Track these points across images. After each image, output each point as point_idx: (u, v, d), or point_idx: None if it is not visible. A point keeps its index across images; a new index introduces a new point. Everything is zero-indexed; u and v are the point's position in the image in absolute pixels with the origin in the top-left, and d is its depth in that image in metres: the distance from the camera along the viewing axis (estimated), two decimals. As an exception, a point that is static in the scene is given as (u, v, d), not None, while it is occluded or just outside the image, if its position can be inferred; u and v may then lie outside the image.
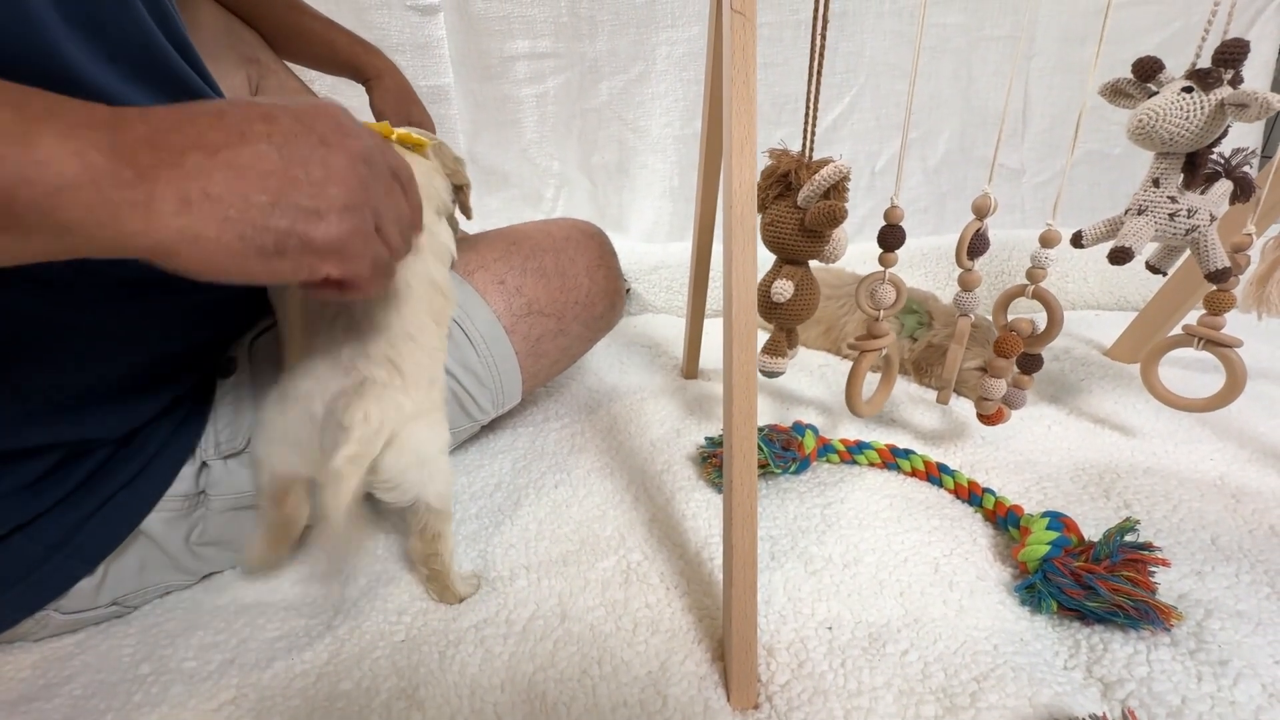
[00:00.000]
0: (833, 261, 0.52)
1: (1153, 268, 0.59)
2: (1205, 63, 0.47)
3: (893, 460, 0.62)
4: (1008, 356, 0.57)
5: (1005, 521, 0.53)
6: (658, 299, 1.12)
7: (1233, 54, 0.46)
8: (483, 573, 0.52)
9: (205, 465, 0.47)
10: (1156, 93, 0.49)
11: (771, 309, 0.54)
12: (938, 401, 0.67)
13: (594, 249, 0.66)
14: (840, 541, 0.53)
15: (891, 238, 0.53)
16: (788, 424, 0.64)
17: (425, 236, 0.47)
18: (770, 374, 0.57)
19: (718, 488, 0.61)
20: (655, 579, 0.50)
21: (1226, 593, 0.46)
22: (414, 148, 0.51)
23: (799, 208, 0.49)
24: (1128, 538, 0.46)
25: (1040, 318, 0.56)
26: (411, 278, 0.45)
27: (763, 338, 0.51)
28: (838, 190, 0.48)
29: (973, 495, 0.57)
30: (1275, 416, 0.69)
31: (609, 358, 0.92)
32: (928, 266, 1.11)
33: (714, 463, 0.62)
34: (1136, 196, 0.52)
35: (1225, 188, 0.51)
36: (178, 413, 0.46)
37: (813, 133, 0.49)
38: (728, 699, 0.40)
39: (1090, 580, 0.43)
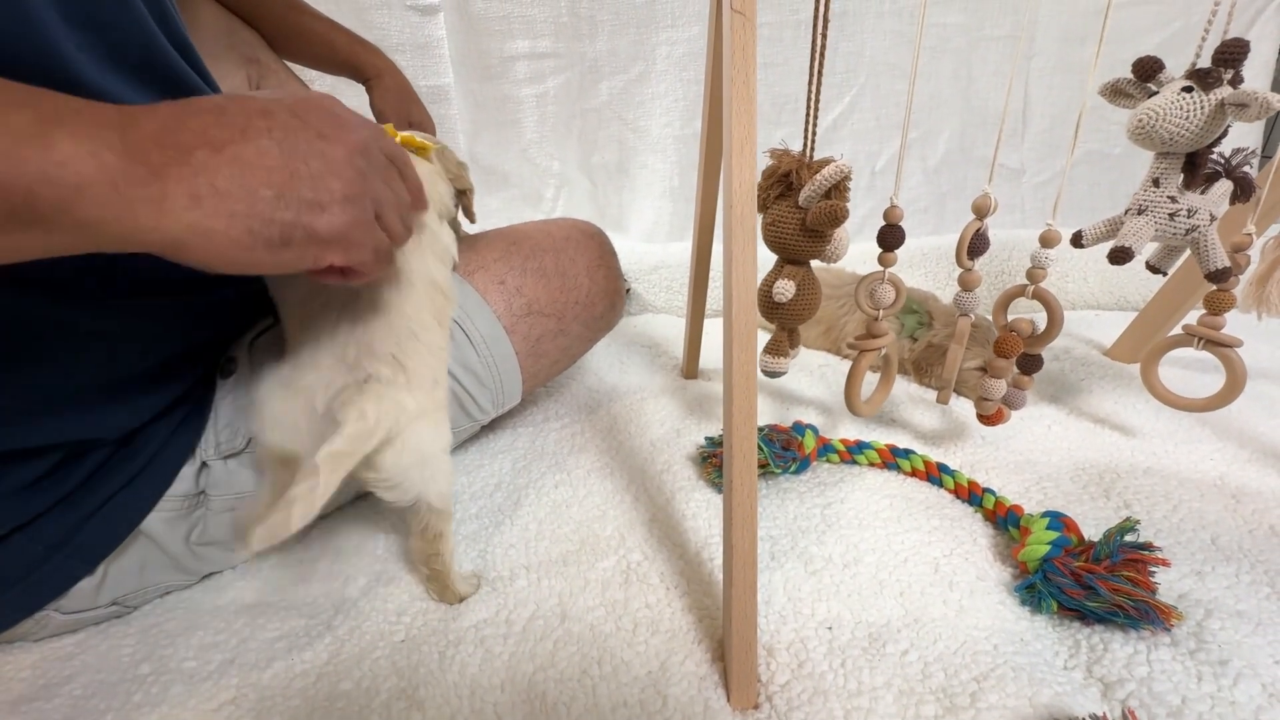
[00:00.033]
0: (834, 261, 0.52)
1: (1153, 268, 0.59)
2: (1205, 63, 0.47)
3: (893, 460, 0.62)
4: (1008, 357, 0.57)
5: (1005, 521, 0.53)
6: (658, 299, 1.12)
7: (1233, 54, 0.46)
8: (483, 573, 0.52)
9: (205, 465, 0.47)
10: (1156, 93, 0.49)
11: (773, 309, 0.54)
12: (938, 401, 0.67)
13: (594, 249, 0.66)
14: (840, 541, 0.53)
15: (891, 237, 0.53)
16: (788, 424, 0.64)
17: (427, 237, 0.47)
18: (773, 374, 0.57)
19: (718, 488, 0.61)
20: (655, 579, 0.50)
21: (1226, 593, 0.46)
22: (418, 152, 0.51)
23: (800, 208, 0.49)
24: (1128, 538, 0.46)
25: (1040, 318, 0.56)
26: (413, 276, 0.45)
27: (763, 338, 0.51)
28: (839, 190, 0.48)
29: (973, 495, 0.57)
30: (1275, 416, 0.69)
31: (609, 358, 0.92)
32: (928, 266, 1.11)
33: (714, 463, 0.62)
34: (1136, 196, 0.52)
35: (1225, 188, 0.51)
36: (178, 413, 0.46)
37: (814, 133, 0.49)
38: (728, 699, 0.40)
39: (1090, 580, 0.43)
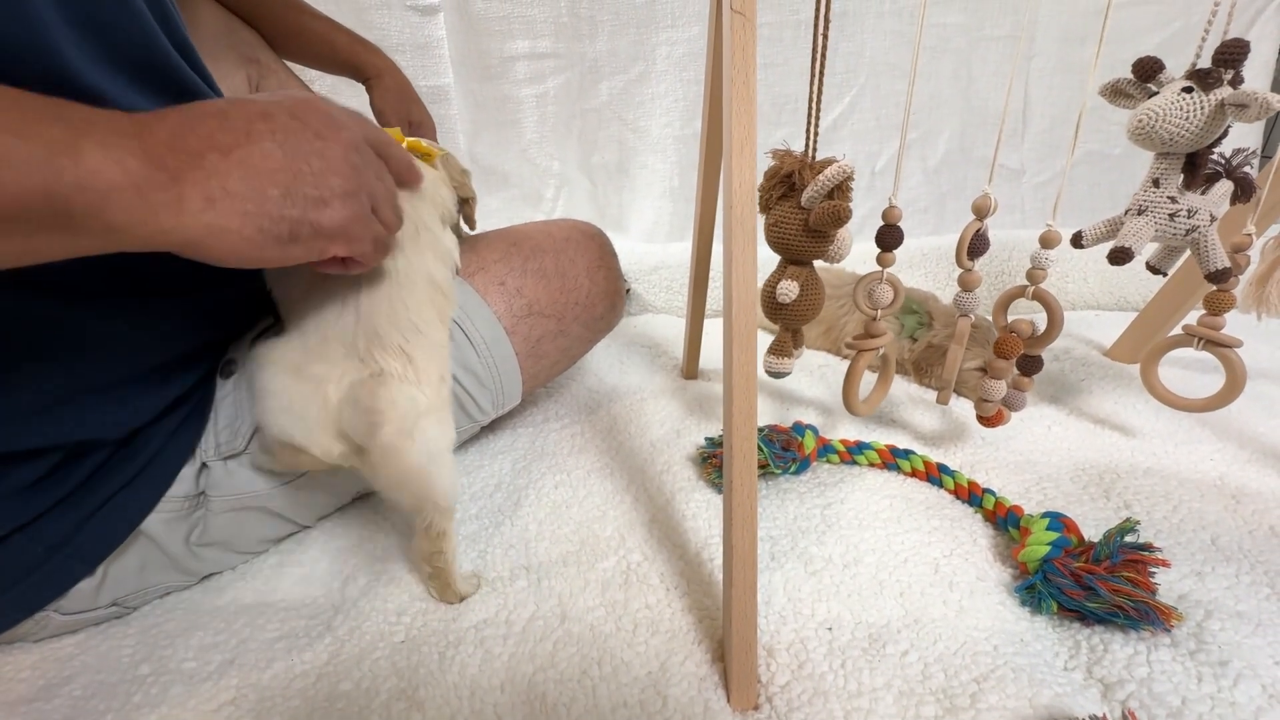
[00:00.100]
0: (838, 261, 0.52)
1: (1153, 268, 0.59)
2: (1205, 63, 0.47)
3: (893, 461, 0.62)
4: (1008, 357, 0.57)
5: (1005, 522, 0.53)
6: (658, 299, 1.12)
7: (1233, 54, 0.46)
8: (483, 573, 0.52)
9: (205, 466, 0.47)
10: (1156, 93, 0.49)
11: (777, 309, 0.54)
12: (938, 402, 0.67)
13: (594, 250, 0.66)
14: (840, 542, 0.53)
15: (889, 238, 0.53)
16: (788, 424, 0.64)
17: (428, 238, 0.47)
18: (777, 374, 0.57)
19: (718, 488, 0.61)
20: (655, 579, 0.50)
21: (1226, 593, 0.46)
22: (423, 158, 0.51)
23: (803, 208, 0.49)
24: (1128, 538, 0.46)
25: (1040, 318, 0.56)
26: (414, 272, 0.45)
27: (763, 338, 0.51)
28: (842, 190, 0.48)
29: (973, 496, 0.57)
30: (1275, 416, 0.69)
31: (609, 358, 0.92)
32: (928, 267, 1.11)
33: (714, 463, 0.62)
34: (1136, 197, 0.52)
35: (1225, 188, 0.51)
36: (178, 413, 0.46)
37: (815, 133, 0.49)
38: (728, 700, 0.40)
39: (1090, 581, 0.43)
